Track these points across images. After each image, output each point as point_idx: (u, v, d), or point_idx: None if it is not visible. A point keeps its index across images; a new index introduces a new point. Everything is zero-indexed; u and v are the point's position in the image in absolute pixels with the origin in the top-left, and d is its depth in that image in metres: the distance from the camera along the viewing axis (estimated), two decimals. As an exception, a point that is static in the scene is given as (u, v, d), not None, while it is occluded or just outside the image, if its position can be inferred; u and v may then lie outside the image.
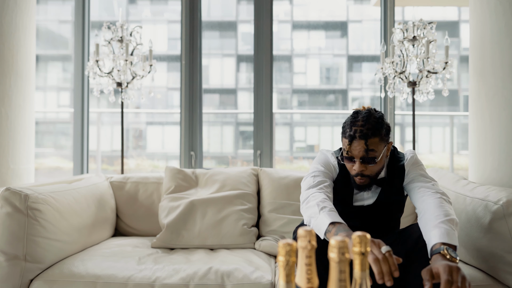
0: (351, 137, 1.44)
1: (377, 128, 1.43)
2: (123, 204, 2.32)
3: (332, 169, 1.60)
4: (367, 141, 1.42)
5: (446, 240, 1.24)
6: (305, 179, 1.56)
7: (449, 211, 1.35)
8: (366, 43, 4.66)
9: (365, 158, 1.44)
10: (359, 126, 1.44)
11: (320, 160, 1.62)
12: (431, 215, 1.34)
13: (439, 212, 1.34)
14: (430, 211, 1.36)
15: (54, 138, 4.34)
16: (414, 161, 1.57)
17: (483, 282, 1.58)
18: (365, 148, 1.42)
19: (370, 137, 1.42)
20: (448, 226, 1.28)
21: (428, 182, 1.50)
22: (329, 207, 1.36)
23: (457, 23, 5.07)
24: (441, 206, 1.36)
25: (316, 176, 1.54)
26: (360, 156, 1.44)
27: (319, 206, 1.36)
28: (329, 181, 1.55)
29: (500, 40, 2.03)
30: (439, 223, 1.29)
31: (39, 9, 3.96)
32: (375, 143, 1.43)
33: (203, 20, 3.10)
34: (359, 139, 1.42)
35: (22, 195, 1.65)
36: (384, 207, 1.58)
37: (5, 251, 1.61)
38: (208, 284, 1.61)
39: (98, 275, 1.64)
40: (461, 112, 4.79)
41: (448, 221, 1.30)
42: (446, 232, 1.26)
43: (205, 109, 3.45)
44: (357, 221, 1.57)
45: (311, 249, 0.65)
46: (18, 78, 2.45)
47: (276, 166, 3.35)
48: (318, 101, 4.67)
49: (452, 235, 1.26)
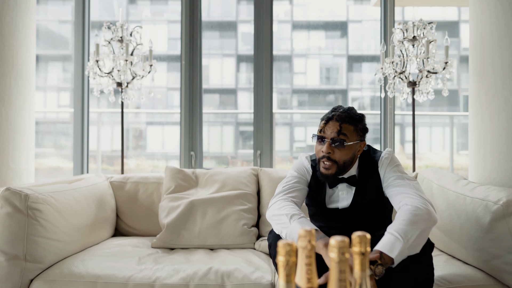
0: (328, 118, 1.51)
1: (354, 118, 1.51)
2: (123, 204, 2.32)
3: (304, 172, 1.62)
4: (341, 124, 1.48)
5: (385, 251, 1.23)
6: (278, 185, 1.59)
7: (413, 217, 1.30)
8: (366, 43, 4.66)
9: (335, 139, 1.47)
10: (337, 112, 1.51)
11: (294, 166, 1.66)
12: (394, 222, 1.32)
13: (401, 218, 1.31)
14: (396, 218, 1.33)
15: (54, 138, 4.34)
16: (389, 161, 1.54)
17: (483, 282, 1.58)
18: (338, 129, 1.48)
19: (346, 122, 1.49)
20: (397, 235, 1.25)
21: (405, 185, 1.46)
22: (298, 214, 1.38)
23: (457, 23, 5.07)
24: (408, 213, 1.32)
25: (288, 182, 1.57)
26: (331, 136, 1.48)
27: (288, 215, 1.39)
28: (300, 185, 1.57)
29: (500, 40, 2.03)
30: (392, 230, 1.27)
31: (39, 9, 3.96)
32: (349, 130, 1.49)
33: (203, 20, 3.10)
34: (335, 121, 1.49)
35: (22, 195, 1.66)
36: (364, 208, 1.55)
37: (5, 251, 1.61)
38: (208, 284, 1.61)
39: (98, 275, 1.64)
40: (461, 112, 4.79)
41: (402, 230, 1.26)
42: (389, 242, 1.24)
43: (205, 109, 3.45)
44: (338, 223, 1.57)
45: (311, 249, 0.65)
46: (18, 78, 2.45)
47: (276, 166, 3.35)
48: (318, 101, 4.67)
49: (393, 246, 1.23)
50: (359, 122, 1.51)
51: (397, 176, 1.50)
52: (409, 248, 1.25)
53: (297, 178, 1.59)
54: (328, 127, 1.49)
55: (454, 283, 1.53)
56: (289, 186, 1.55)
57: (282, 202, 1.47)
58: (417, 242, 1.27)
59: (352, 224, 1.57)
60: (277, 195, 1.52)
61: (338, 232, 1.53)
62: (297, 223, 1.34)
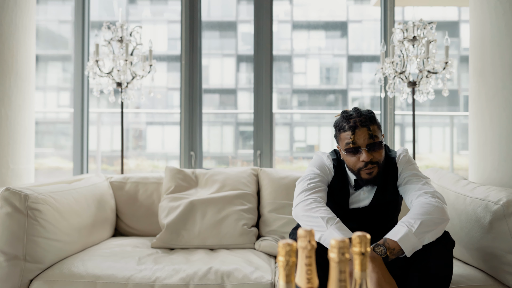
0: (353, 127, 1.47)
1: (372, 117, 1.50)
2: (123, 204, 2.32)
3: (327, 172, 1.60)
4: (370, 128, 1.46)
5: (390, 236, 1.32)
6: (300, 182, 1.56)
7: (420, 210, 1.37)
8: (366, 43, 4.66)
9: (372, 144, 1.46)
10: (356, 117, 1.49)
11: (315, 163, 1.62)
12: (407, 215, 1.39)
13: (409, 212, 1.39)
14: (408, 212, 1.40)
15: (54, 138, 4.34)
16: (406, 160, 1.57)
17: (483, 282, 1.58)
18: (369, 133, 1.46)
19: (370, 124, 1.47)
20: (402, 224, 1.34)
21: (419, 182, 1.50)
22: (334, 218, 1.38)
23: (457, 23, 5.07)
24: (416, 207, 1.39)
25: (312, 180, 1.54)
26: (366, 143, 1.46)
27: (324, 218, 1.37)
28: (324, 185, 1.56)
29: (500, 40, 2.03)
30: (399, 222, 1.36)
31: (39, 9, 3.96)
32: (376, 130, 1.48)
33: (203, 20, 3.10)
34: (361, 127, 1.46)
35: (22, 195, 1.65)
36: (381, 207, 1.58)
37: (5, 251, 1.61)
38: (208, 284, 1.61)
39: (98, 275, 1.64)
40: (461, 112, 4.79)
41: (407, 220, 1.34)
42: (394, 230, 1.34)
43: (205, 109, 3.45)
44: (354, 223, 1.57)
45: (311, 249, 0.65)
46: (18, 78, 2.45)
47: (276, 166, 3.35)
48: (318, 101, 4.67)
49: (398, 231, 1.32)
50: (375, 117, 1.52)
51: (412, 173, 1.53)
52: (416, 234, 1.30)
53: (320, 177, 1.56)
54: (359, 136, 1.46)
55: (454, 283, 1.53)
56: (314, 184, 1.52)
57: (312, 202, 1.44)
58: (423, 229, 1.31)
59: (367, 224, 1.58)
60: (303, 193, 1.49)
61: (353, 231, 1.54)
62: (335, 228, 1.34)
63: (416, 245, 1.31)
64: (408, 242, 1.29)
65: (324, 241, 1.35)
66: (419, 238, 1.30)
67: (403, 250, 1.30)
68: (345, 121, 1.50)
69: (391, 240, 1.31)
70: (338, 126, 1.54)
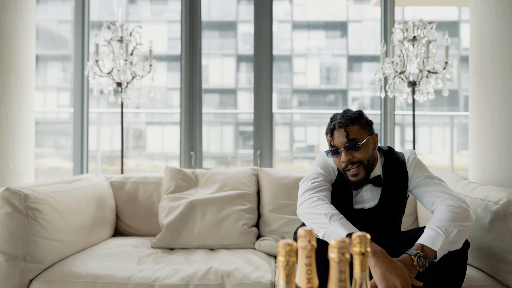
0: (331, 129, 1.51)
1: (355, 118, 1.50)
2: (123, 204, 2.31)
3: (331, 171, 1.60)
4: (347, 129, 1.48)
5: (428, 244, 1.28)
6: (304, 182, 1.56)
7: (454, 215, 1.34)
8: (366, 43, 4.66)
9: (348, 145, 1.47)
10: (336, 120, 1.52)
11: (319, 163, 1.62)
12: (434, 218, 1.36)
13: (441, 216, 1.35)
14: (436, 215, 1.37)
15: (54, 138, 4.34)
16: (416, 163, 1.57)
17: (483, 282, 1.58)
18: (345, 134, 1.48)
19: (349, 125, 1.49)
20: (439, 230, 1.29)
21: (437, 184, 1.49)
22: (337, 215, 1.37)
23: (457, 23, 5.06)
24: (448, 211, 1.36)
25: (315, 179, 1.54)
26: (343, 144, 1.48)
27: (327, 215, 1.36)
28: (328, 184, 1.55)
29: (500, 40, 2.03)
30: (433, 226, 1.32)
31: (39, 9, 3.96)
32: (356, 131, 1.49)
33: (203, 20, 3.10)
34: (339, 129, 1.49)
35: (22, 195, 1.65)
36: (386, 209, 1.56)
37: (4, 251, 1.61)
38: (208, 284, 1.61)
39: (98, 275, 1.64)
40: (461, 112, 4.79)
41: (443, 225, 1.30)
42: (431, 236, 1.29)
43: (205, 109, 3.45)
44: (358, 224, 1.57)
45: (311, 249, 0.65)
46: (18, 78, 2.45)
47: (276, 166, 3.35)
48: (318, 101, 4.67)
49: (435, 239, 1.28)
50: (361, 119, 1.52)
51: (426, 175, 1.53)
52: (450, 243, 1.28)
53: (323, 176, 1.57)
54: (336, 138, 1.50)
55: (454, 283, 1.53)
56: (318, 183, 1.52)
57: (316, 200, 1.44)
58: (458, 238, 1.30)
59: (371, 226, 1.57)
60: (307, 192, 1.49)
61: None
62: (338, 224, 1.33)
63: (447, 251, 1.30)
64: (443, 251, 1.28)
65: (328, 237, 1.35)
66: (451, 246, 1.29)
67: (436, 257, 1.28)
68: (328, 124, 1.55)
69: (430, 248, 1.27)
70: (325, 130, 1.58)
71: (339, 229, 1.31)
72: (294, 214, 2.17)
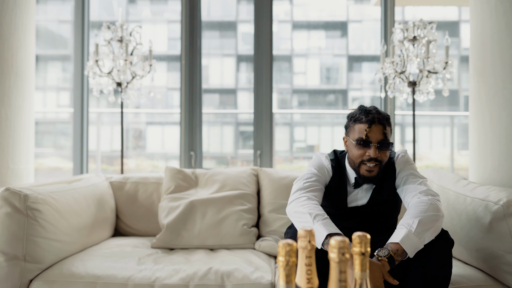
0: (371, 121, 1.49)
1: (388, 118, 1.54)
2: (123, 204, 2.31)
3: (325, 172, 1.61)
4: (385, 127, 1.49)
5: (392, 240, 1.33)
6: (297, 181, 1.58)
7: (415, 209, 1.39)
8: (366, 43, 4.66)
9: (383, 143, 1.48)
10: (375, 114, 1.50)
11: (314, 163, 1.64)
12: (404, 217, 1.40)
13: (406, 214, 1.40)
14: (405, 214, 1.42)
15: (54, 138, 4.33)
16: (405, 160, 1.59)
17: (483, 282, 1.58)
18: (383, 132, 1.48)
19: (386, 124, 1.51)
20: (401, 226, 1.35)
21: (415, 182, 1.52)
22: (321, 215, 1.38)
23: (457, 23, 5.06)
24: (411, 207, 1.41)
25: (308, 179, 1.56)
26: (378, 140, 1.48)
27: (312, 214, 1.38)
28: (320, 185, 1.57)
29: (500, 40, 2.03)
30: (399, 225, 1.38)
31: (38, 9, 3.96)
32: (389, 133, 1.52)
33: (203, 20, 3.10)
34: (378, 124, 1.49)
35: (22, 195, 1.65)
36: (378, 206, 1.59)
37: (4, 251, 1.61)
38: (208, 285, 1.60)
39: (98, 275, 1.64)
40: (461, 112, 4.79)
41: (405, 221, 1.36)
42: (395, 233, 1.35)
43: (205, 109, 3.45)
44: (353, 222, 1.58)
45: (311, 249, 0.65)
46: (18, 78, 2.45)
47: (276, 166, 3.35)
48: (318, 101, 4.67)
49: (398, 234, 1.33)
50: (389, 120, 1.56)
51: (409, 173, 1.55)
52: (416, 234, 1.31)
53: (317, 176, 1.58)
54: (373, 131, 1.49)
55: (454, 283, 1.53)
56: (310, 183, 1.54)
57: (305, 199, 1.45)
58: (421, 228, 1.32)
59: (365, 223, 1.59)
60: (298, 191, 1.51)
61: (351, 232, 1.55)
62: (321, 224, 1.34)
63: (418, 245, 1.31)
64: (409, 243, 1.30)
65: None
66: (420, 238, 1.32)
67: (405, 251, 1.30)
68: (363, 114, 1.52)
69: (393, 243, 1.32)
70: (354, 117, 1.55)
71: (320, 229, 1.33)
72: (294, 214, 2.16)
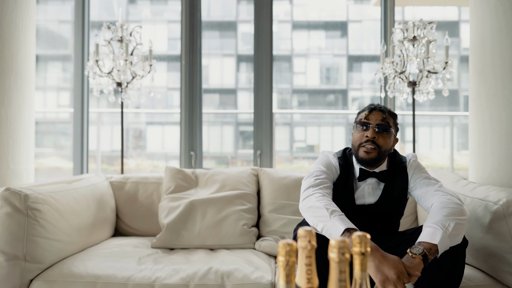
0: (372, 108, 1.58)
1: (393, 113, 1.60)
2: (123, 204, 2.31)
3: (333, 170, 1.62)
4: (385, 114, 1.56)
5: (427, 240, 1.29)
6: (306, 178, 1.58)
7: (449, 210, 1.36)
8: (366, 43, 4.66)
9: (381, 125, 1.53)
10: (377, 105, 1.59)
11: (321, 161, 1.65)
12: (429, 217, 1.38)
13: (436, 213, 1.37)
14: (431, 213, 1.39)
15: (54, 138, 4.34)
16: (416, 165, 1.61)
17: (483, 282, 1.58)
18: (383, 116, 1.55)
19: (388, 114, 1.57)
20: (436, 226, 1.32)
21: (434, 184, 1.53)
22: (338, 211, 1.38)
23: (457, 23, 5.06)
24: (442, 208, 1.38)
25: (318, 176, 1.56)
26: (376, 122, 1.54)
27: (329, 210, 1.37)
28: (329, 182, 1.57)
29: (500, 40, 2.03)
30: (430, 223, 1.34)
31: (39, 9, 3.96)
32: (391, 121, 1.57)
33: (203, 20, 3.10)
34: (379, 111, 1.56)
35: (22, 195, 1.65)
36: (386, 207, 1.59)
37: (5, 251, 1.61)
38: (208, 284, 1.61)
39: (98, 275, 1.64)
40: (461, 112, 4.79)
41: (439, 221, 1.33)
42: (429, 233, 1.31)
43: (205, 109, 3.45)
44: (358, 222, 1.58)
45: (311, 249, 0.65)
46: (18, 78, 2.45)
47: (276, 166, 3.35)
48: (318, 101, 4.67)
49: (434, 234, 1.30)
50: (396, 118, 1.60)
51: (424, 176, 1.57)
52: (449, 236, 1.29)
53: (326, 174, 1.59)
54: (373, 115, 1.56)
55: (454, 283, 1.53)
56: (320, 180, 1.54)
57: (320, 195, 1.45)
58: (456, 231, 1.31)
59: (370, 224, 1.58)
60: (310, 188, 1.51)
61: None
62: (338, 219, 1.34)
63: (448, 246, 1.30)
64: (444, 244, 1.29)
65: (327, 231, 1.35)
66: (451, 240, 1.30)
67: (438, 251, 1.28)
68: (368, 105, 1.61)
69: (428, 243, 1.28)
70: (360, 111, 1.63)
71: (338, 223, 1.32)
72: (294, 214, 2.17)
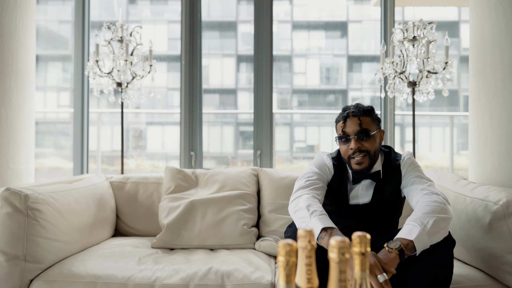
0: (345, 117, 1.55)
1: (367, 110, 1.56)
2: (123, 204, 2.31)
3: (326, 170, 1.63)
4: (360, 118, 1.53)
5: (404, 236, 1.31)
6: (298, 180, 1.59)
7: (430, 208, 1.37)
8: (366, 43, 4.66)
9: (360, 133, 1.51)
10: (350, 109, 1.56)
11: (315, 162, 1.66)
12: (411, 215, 1.39)
13: (417, 211, 1.39)
14: (413, 211, 1.41)
15: (54, 138, 4.34)
16: (411, 163, 1.60)
17: (483, 282, 1.58)
18: (359, 123, 1.52)
19: (362, 115, 1.54)
20: (414, 223, 1.33)
21: (424, 183, 1.52)
22: (319, 211, 1.39)
23: (457, 23, 5.07)
24: (424, 206, 1.39)
25: (309, 178, 1.57)
26: (355, 132, 1.52)
27: (309, 210, 1.39)
28: (321, 183, 1.58)
29: (500, 40, 2.03)
30: (409, 221, 1.36)
31: (39, 9, 3.96)
32: (368, 122, 1.54)
33: (203, 20, 3.10)
34: (353, 117, 1.54)
35: (22, 195, 1.65)
36: (380, 205, 1.59)
37: (5, 251, 1.61)
38: (208, 285, 1.61)
39: (98, 275, 1.64)
40: (461, 112, 4.79)
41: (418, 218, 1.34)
42: (407, 229, 1.33)
43: (205, 109, 3.45)
44: (354, 221, 1.58)
45: (311, 249, 0.65)
46: (18, 78, 2.45)
47: (276, 166, 3.35)
48: (318, 101, 4.67)
49: (411, 231, 1.31)
50: (373, 112, 1.58)
51: (416, 175, 1.56)
52: (428, 234, 1.30)
53: (318, 175, 1.59)
54: (349, 126, 1.54)
55: (454, 283, 1.53)
56: (311, 182, 1.55)
57: (307, 197, 1.46)
58: (435, 229, 1.32)
59: (366, 223, 1.59)
60: (299, 190, 1.52)
61: (352, 231, 1.54)
62: (317, 219, 1.34)
63: (427, 244, 1.31)
64: (422, 242, 1.30)
65: None
66: (430, 238, 1.31)
67: (415, 248, 1.29)
68: (340, 113, 1.59)
69: (405, 239, 1.30)
70: (336, 120, 1.61)
71: (316, 223, 1.33)
72: (294, 214, 2.17)
